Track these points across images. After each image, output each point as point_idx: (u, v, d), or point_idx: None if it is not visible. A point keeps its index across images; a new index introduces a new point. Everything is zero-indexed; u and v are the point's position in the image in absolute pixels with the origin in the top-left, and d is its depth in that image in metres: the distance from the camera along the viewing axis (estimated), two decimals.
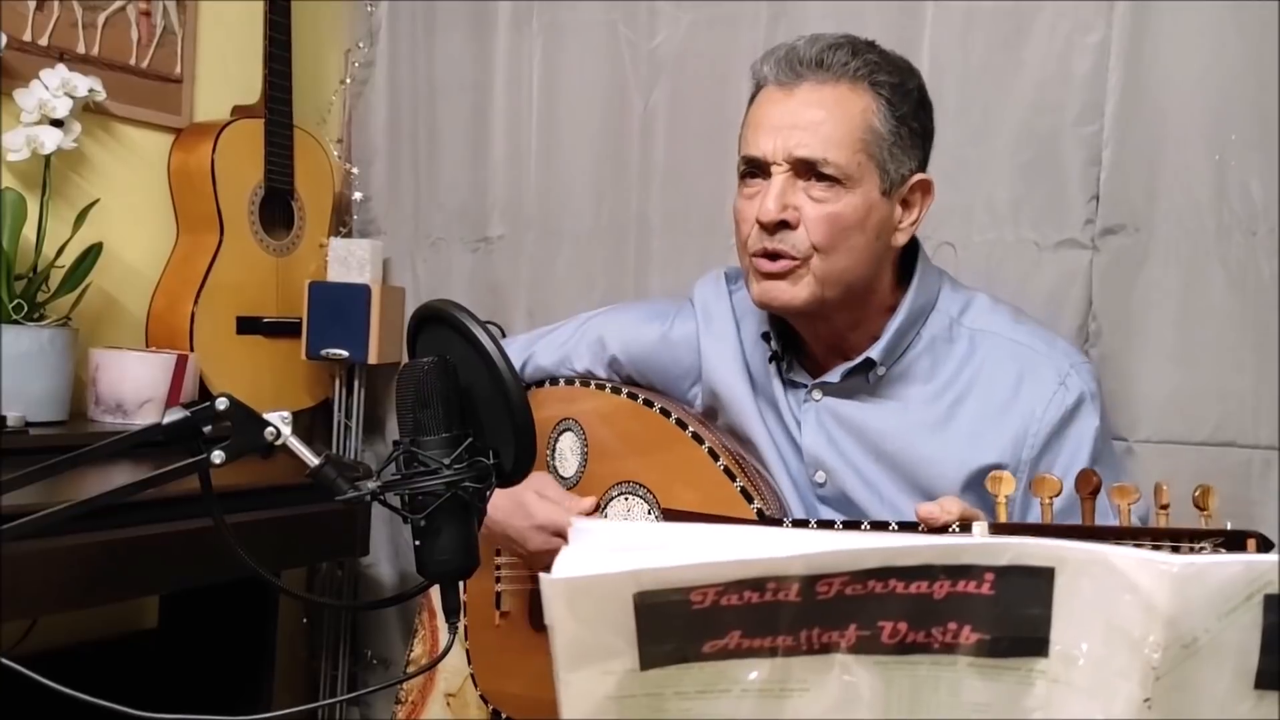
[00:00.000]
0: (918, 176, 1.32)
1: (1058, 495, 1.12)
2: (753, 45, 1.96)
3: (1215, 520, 1.09)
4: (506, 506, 1.43)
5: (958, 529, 1.13)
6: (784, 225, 1.27)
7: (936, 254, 1.79)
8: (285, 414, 1.01)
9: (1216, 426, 1.63)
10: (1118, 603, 0.62)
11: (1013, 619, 0.65)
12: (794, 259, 1.28)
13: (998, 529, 1.12)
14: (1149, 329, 1.68)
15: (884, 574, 0.63)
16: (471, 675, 1.56)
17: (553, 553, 1.42)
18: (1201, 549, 1.07)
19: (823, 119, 1.26)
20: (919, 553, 0.63)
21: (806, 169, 1.26)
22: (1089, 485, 1.12)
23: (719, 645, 0.64)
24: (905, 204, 1.32)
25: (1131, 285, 1.69)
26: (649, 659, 0.64)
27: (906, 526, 1.17)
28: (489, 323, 2.36)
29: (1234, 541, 1.07)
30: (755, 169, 1.30)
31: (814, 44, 1.29)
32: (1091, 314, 1.73)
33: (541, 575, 0.64)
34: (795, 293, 1.29)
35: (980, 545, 0.64)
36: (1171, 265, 1.66)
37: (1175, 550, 1.07)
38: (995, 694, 0.66)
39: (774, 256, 1.29)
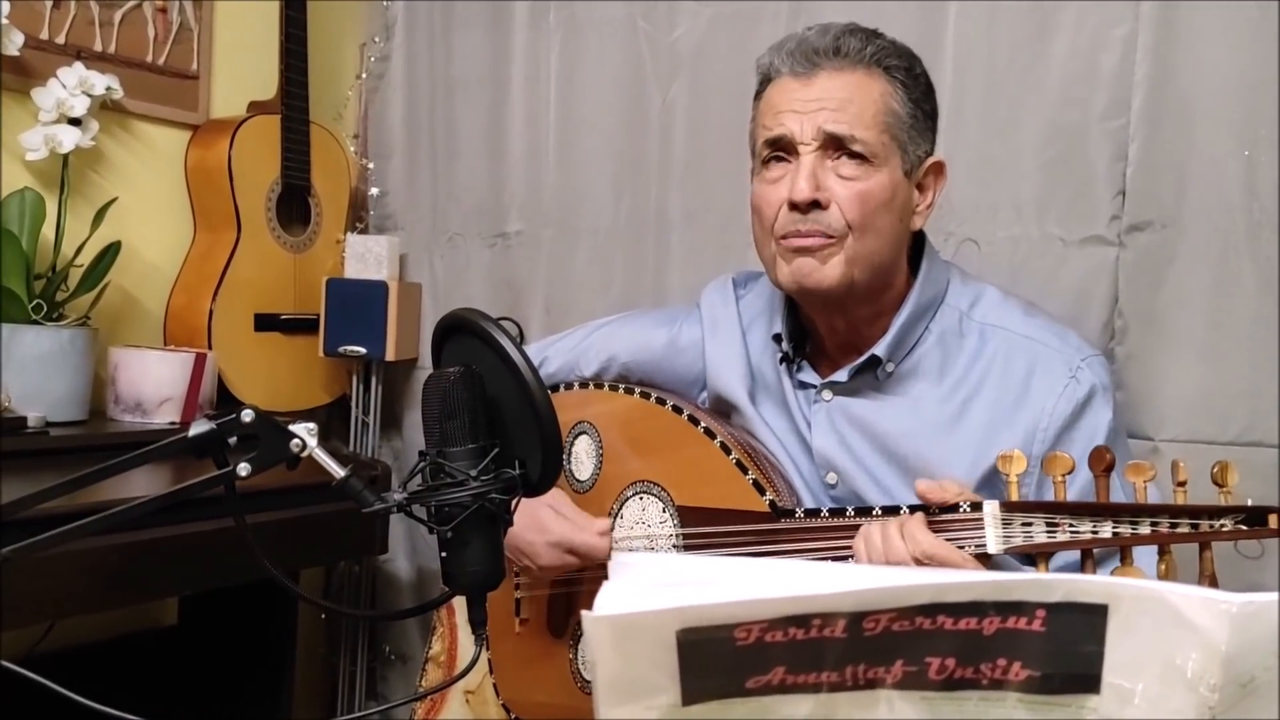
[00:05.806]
0: (931, 159, 1.34)
1: (1070, 472, 1.11)
2: (772, 40, 1.90)
3: (1235, 497, 1.07)
4: (522, 520, 1.42)
5: (968, 508, 1.12)
6: (816, 205, 1.27)
7: (959, 251, 1.78)
8: (311, 425, 1.01)
9: (1245, 426, 1.60)
10: (1175, 641, 0.61)
11: (1064, 656, 0.63)
12: (829, 238, 1.27)
13: (1010, 507, 1.11)
14: (1176, 327, 1.66)
15: (933, 610, 0.61)
16: (494, 685, 1.56)
17: (563, 569, 1.42)
18: (1222, 526, 1.05)
19: (848, 99, 1.27)
20: (970, 589, 0.62)
21: (836, 146, 1.27)
22: (1102, 463, 1.11)
23: (763, 681, 0.63)
24: (920, 188, 1.34)
25: (1159, 283, 1.67)
26: (691, 694, 0.63)
27: (917, 510, 1.17)
28: (504, 318, 2.33)
29: (1255, 517, 1.06)
30: (780, 151, 1.30)
31: (825, 33, 1.31)
32: (1118, 311, 1.70)
33: (584, 613, 0.63)
34: (826, 273, 1.28)
35: (1032, 582, 0.62)
36: (1200, 263, 1.64)
37: (1194, 527, 1.06)
38: None
39: (807, 236, 1.28)
